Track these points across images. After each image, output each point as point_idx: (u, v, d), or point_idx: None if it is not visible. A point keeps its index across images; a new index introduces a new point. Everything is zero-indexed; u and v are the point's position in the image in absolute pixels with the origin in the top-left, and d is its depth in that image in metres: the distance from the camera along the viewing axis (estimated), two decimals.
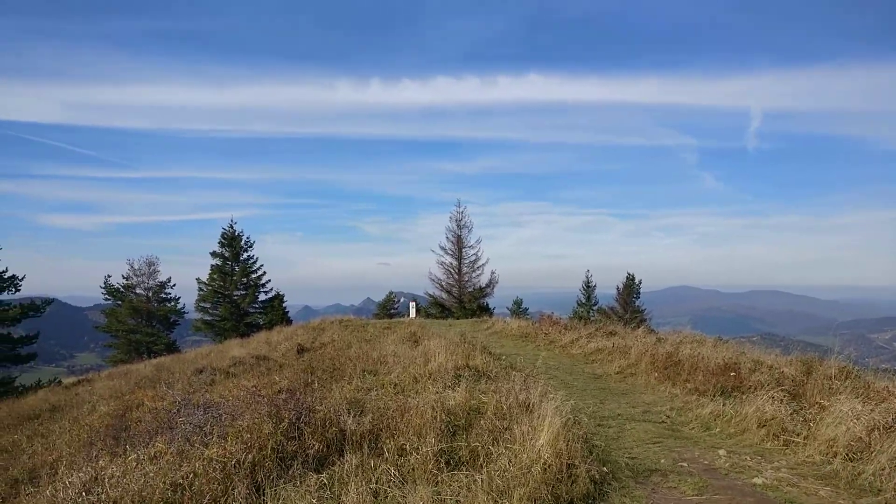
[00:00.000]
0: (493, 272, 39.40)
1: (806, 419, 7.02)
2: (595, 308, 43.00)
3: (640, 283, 42.65)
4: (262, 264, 40.60)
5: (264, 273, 40.51)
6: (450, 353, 10.07)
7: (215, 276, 39.35)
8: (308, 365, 12.23)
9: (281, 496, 4.73)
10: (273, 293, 40.82)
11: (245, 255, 40.25)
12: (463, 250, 39.28)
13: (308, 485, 4.89)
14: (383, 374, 9.47)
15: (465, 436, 5.84)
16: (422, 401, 6.52)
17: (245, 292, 39.71)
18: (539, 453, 5.13)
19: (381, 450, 5.55)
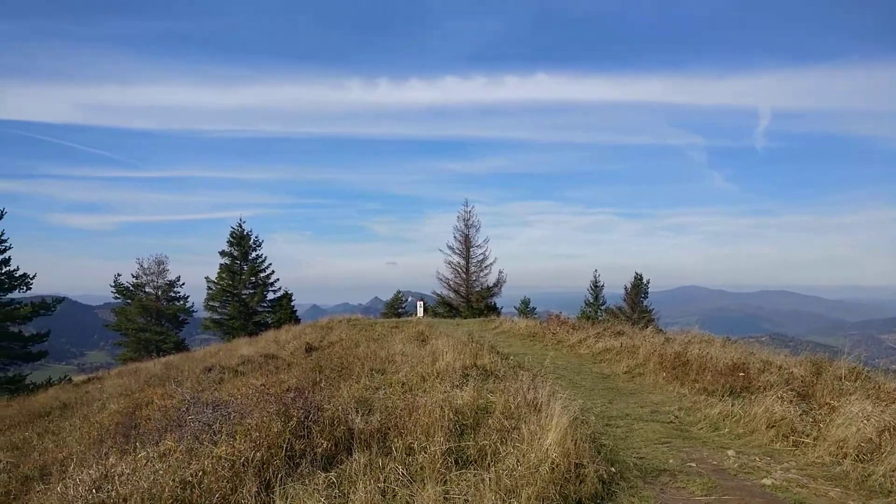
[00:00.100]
0: (500, 272, 39.41)
1: (815, 420, 6.99)
2: (603, 308, 42.90)
3: (647, 282, 42.52)
4: (270, 263, 40.89)
5: (273, 272, 40.79)
6: (457, 353, 10.07)
7: (224, 275, 39.54)
8: (316, 364, 12.25)
9: (290, 494, 4.74)
10: (281, 292, 41.05)
11: (254, 254, 40.46)
12: (471, 250, 39.29)
13: (317, 483, 4.90)
14: (391, 373, 9.47)
15: (473, 435, 5.84)
16: (430, 400, 6.52)
17: (253, 291, 39.89)
18: (547, 453, 5.13)
19: (390, 449, 5.56)
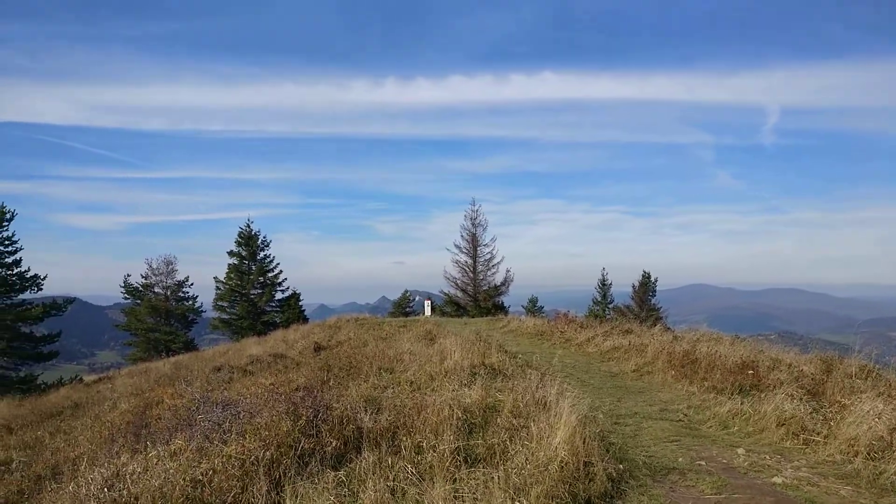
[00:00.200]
0: (508, 270, 39.35)
1: (826, 418, 6.95)
2: (611, 306, 42.81)
3: (655, 281, 42.39)
4: (278, 263, 40.99)
5: (281, 272, 40.88)
6: (465, 352, 10.07)
7: (232, 275, 39.70)
8: (325, 363, 12.29)
9: (299, 493, 4.76)
10: (289, 292, 41.14)
11: (262, 254, 40.58)
12: (478, 248, 39.24)
13: (326, 482, 4.92)
14: (399, 372, 9.49)
15: (481, 433, 5.85)
16: (438, 399, 6.53)
17: (262, 291, 40.03)
18: (556, 451, 5.13)
19: (399, 447, 5.57)
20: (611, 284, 43.79)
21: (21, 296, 29.77)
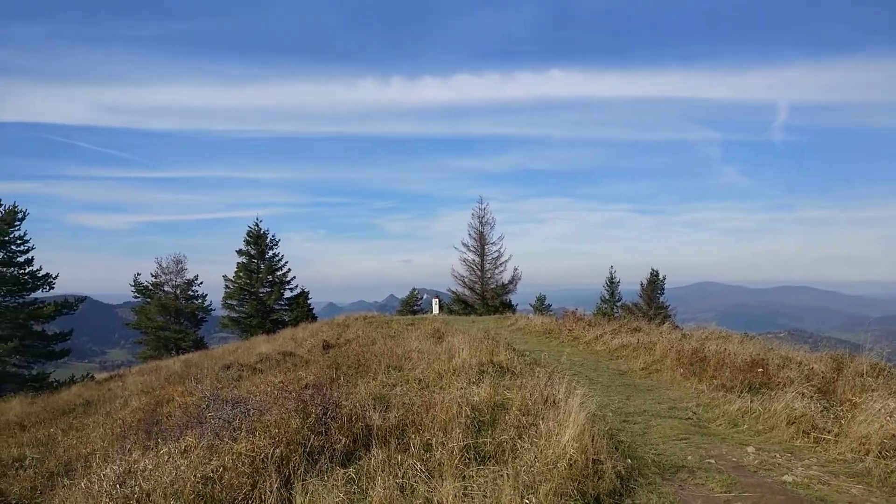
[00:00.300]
0: (515, 269, 39.28)
1: (837, 416, 6.91)
2: (619, 304, 42.69)
3: (664, 278, 42.24)
4: (287, 262, 41.17)
5: (289, 270, 41.07)
6: (474, 350, 10.08)
7: (241, 274, 39.87)
8: (333, 361, 12.33)
9: (309, 490, 4.78)
10: (298, 290, 41.32)
11: (270, 252, 40.75)
12: (485, 247, 39.20)
13: (335, 479, 4.95)
14: (408, 370, 9.51)
15: (490, 431, 5.86)
16: (447, 396, 6.55)
17: (271, 290, 40.18)
18: (565, 449, 5.13)
19: (408, 445, 5.59)
20: (619, 282, 43.69)
21: (33, 294, 30.05)
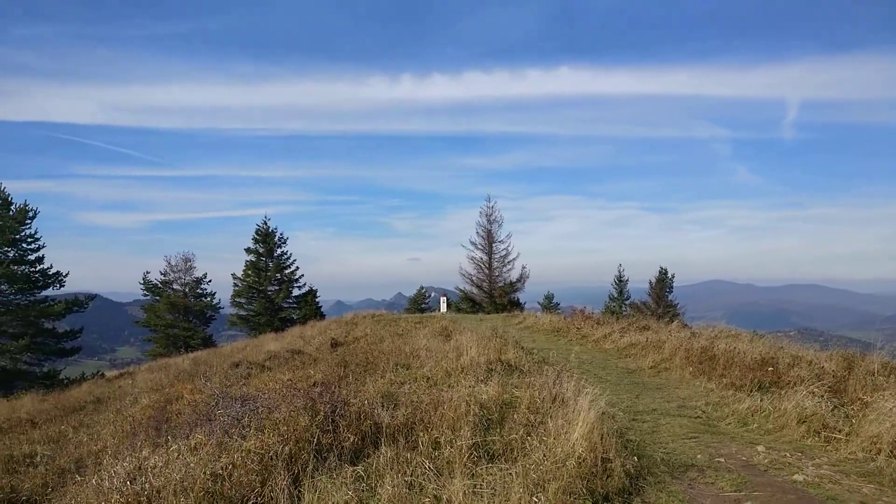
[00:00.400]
0: (523, 267, 39.23)
1: (848, 415, 6.87)
2: (627, 302, 42.60)
3: (672, 277, 42.12)
4: (295, 260, 41.26)
5: (297, 268, 41.14)
6: (482, 348, 10.08)
7: (250, 272, 40.01)
8: (342, 359, 12.36)
9: (318, 487, 4.80)
10: (306, 288, 41.41)
11: (279, 250, 40.86)
12: (493, 245, 39.16)
13: (344, 476, 4.96)
14: (416, 368, 9.53)
15: (498, 429, 5.86)
16: (455, 395, 6.56)
17: (279, 287, 40.29)
18: (573, 447, 5.12)
19: (416, 443, 5.60)
20: (627, 281, 43.59)
21: (44, 292, 30.25)
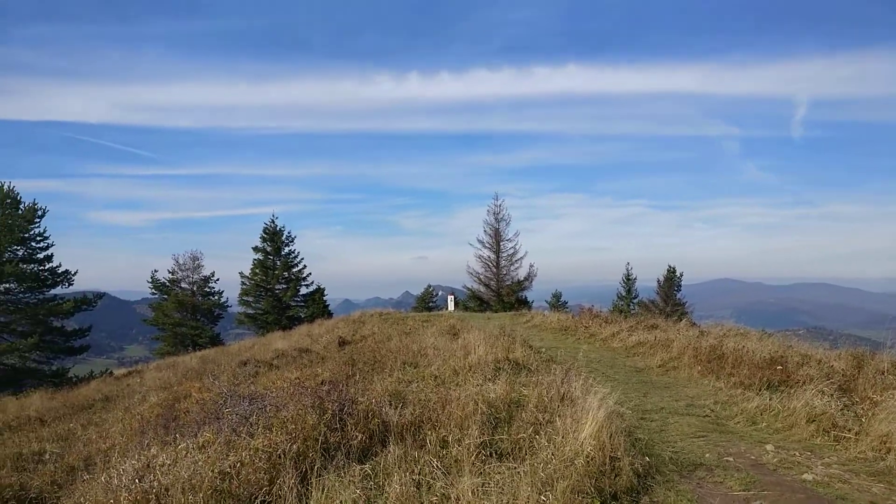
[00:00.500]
0: (531, 265, 39.19)
1: (857, 414, 6.83)
2: (635, 301, 42.48)
3: (681, 275, 41.95)
4: (302, 258, 41.28)
5: (305, 267, 41.19)
6: (489, 346, 10.07)
7: (257, 271, 40.09)
8: (349, 357, 12.38)
9: (326, 486, 4.80)
10: (314, 287, 41.44)
11: (286, 249, 40.91)
12: (501, 243, 39.14)
13: (352, 475, 4.95)
14: (424, 367, 9.53)
15: (506, 428, 5.85)
16: (463, 393, 6.55)
17: (286, 286, 40.36)
18: (582, 446, 5.11)
19: (424, 441, 5.59)
20: (635, 279, 43.45)
21: (53, 291, 30.41)
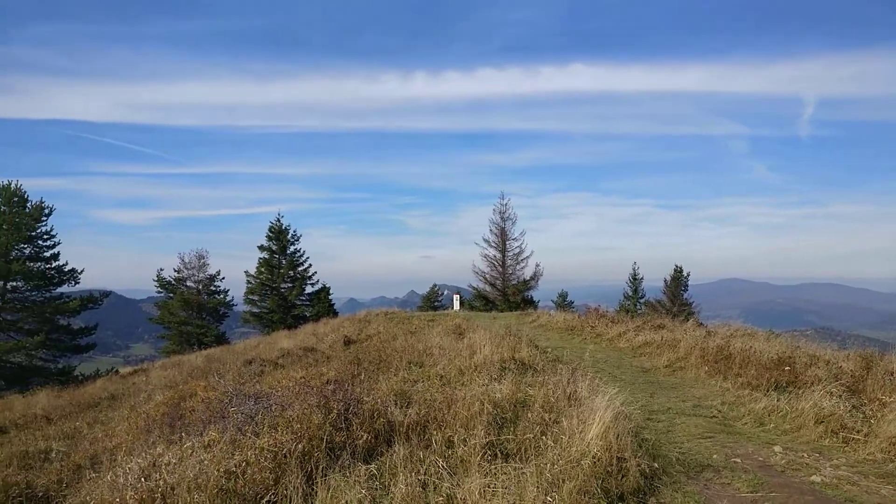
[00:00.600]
0: (537, 265, 39.04)
1: (866, 416, 6.78)
2: (642, 301, 42.33)
3: (688, 275, 41.81)
4: (308, 257, 41.30)
5: (310, 266, 41.21)
6: (495, 346, 10.04)
7: (263, 269, 40.14)
8: (355, 356, 12.37)
9: (331, 485, 4.79)
10: (319, 286, 41.46)
11: (292, 248, 40.93)
12: (507, 243, 39.04)
13: (357, 475, 4.94)
14: (429, 366, 9.51)
15: (512, 428, 5.82)
16: (468, 393, 6.53)
17: (292, 285, 40.40)
18: (588, 446, 5.08)
19: (429, 441, 5.58)
20: (642, 279, 43.31)
21: (59, 289, 30.59)
